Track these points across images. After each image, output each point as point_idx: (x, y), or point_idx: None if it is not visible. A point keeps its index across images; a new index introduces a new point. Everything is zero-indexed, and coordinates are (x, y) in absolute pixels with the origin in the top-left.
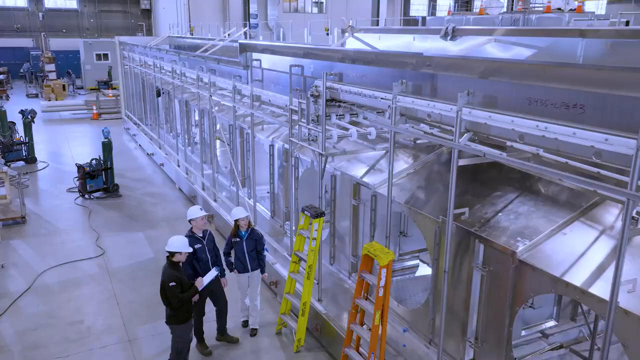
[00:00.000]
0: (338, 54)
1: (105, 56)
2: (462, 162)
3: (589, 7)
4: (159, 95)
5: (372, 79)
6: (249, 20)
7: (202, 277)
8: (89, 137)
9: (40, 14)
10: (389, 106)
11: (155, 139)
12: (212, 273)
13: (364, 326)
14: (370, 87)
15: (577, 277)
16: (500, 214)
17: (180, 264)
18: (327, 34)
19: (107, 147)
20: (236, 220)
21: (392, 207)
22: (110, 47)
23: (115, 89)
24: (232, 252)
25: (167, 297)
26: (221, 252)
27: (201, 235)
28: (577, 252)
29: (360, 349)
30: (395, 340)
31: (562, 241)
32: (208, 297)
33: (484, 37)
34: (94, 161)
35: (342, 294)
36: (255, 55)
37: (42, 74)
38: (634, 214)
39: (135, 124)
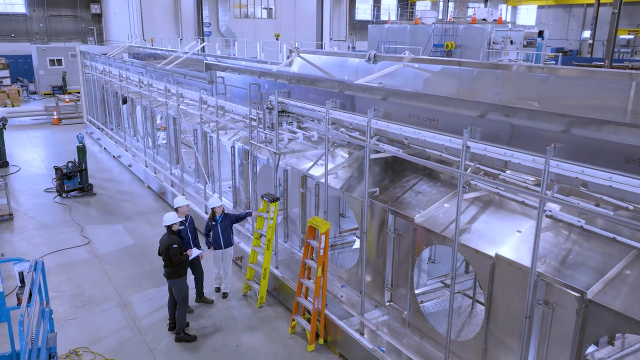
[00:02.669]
0: (286, 76)
1: (59, 61)
2: (376, 156)
3: (522, 14)
4: (125, 102)
5: (312, 97)
6: (202, 28)
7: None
8: (52, 141)
9: None
10: (323, 117)
11: (122, 142)
12: (197, 252)
13: (310, 280)
14: (311, 103)
15: (451, 233)
16: (406, 193)
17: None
18: (277, 39)
19: (81, 150)
20: (212, 208)
21: (330, 192)
22: (63, 52)
23: (70, 94)
24: (211, 233)
25: (169, 257)
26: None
27: (184, 219)
28: (452, 217)
29: (308, 297)
30: (335, 293)
31: (445, 210)
32: (189, 268)
33: (395, 62)
34: (70, 163)
35: (294, 263)
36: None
37: None
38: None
39: (99, 128)
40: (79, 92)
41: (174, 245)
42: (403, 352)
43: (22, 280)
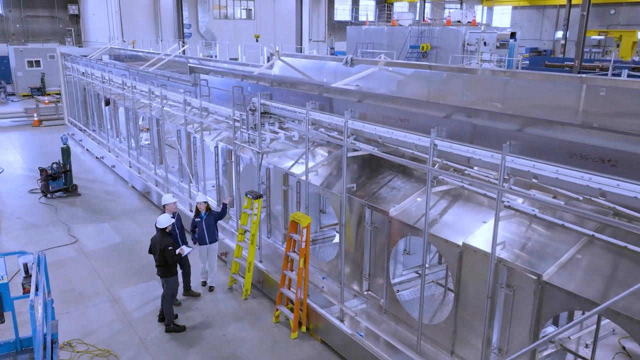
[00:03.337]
0: (269, 79)
1: (37, 63)
2: (353, 154)
3: (498, 14)
4: (107, 104)
5: (293, 99)
6: (182, 30)
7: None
8: (33, 143)
9: None
10: (304, 118)
11: (105, 144)
12: (188, 249)
13: (293, 271)
14: (292, 104)
15: (423, 225)
16: (382, 189)
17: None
18: (257, 40)
19: (65, 151)
20: (197, 205)
21: (311, 189)
22: (42, 54)
23: (50, 95)
24: (196, 230)
25: (164, 258)
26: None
27: (172, 216)
28: (424, 210)
29: (291, 288)
30: (316, 284)
31: (418, 204)
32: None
33: (371, 66)
34: (54, 164)
35: (277, 257)
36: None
37: None
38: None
39: (81, 130)
40: (58, 94)
41: (169, 247)
42: (380, 336)
43: (26, 271)
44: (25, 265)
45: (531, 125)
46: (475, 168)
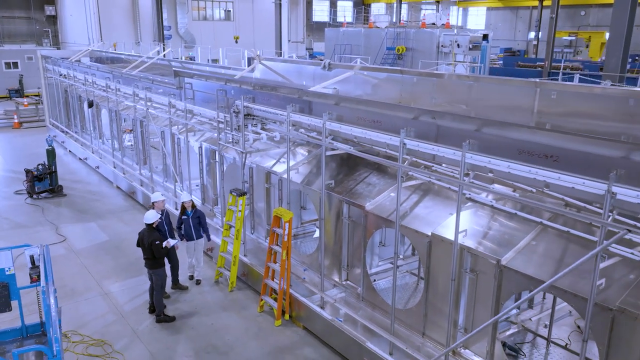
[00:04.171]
0: (251, 83)
1: (15, 64)
2: (331, 153)
3: (473, 15)
4: (90, 106)
5: (275, 102)
6: (162, 32)
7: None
8: (15, 145)
9: None
10: (285, 120)
11: (88, 145)
12: (173, 241)
13: (276, 263)
14: (274, 107)
15: (393, 216)
16: (358, 185)
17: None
18: (236, 42)
19: (51, 153)
20: (183, 203)
21: (292, 186)
22: (19, 55)
23: (28, 97)
24: (182, 226)
25: (152, 251)
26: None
27: (160, 213)
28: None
29: (275, 279)
30: (298, 275)
31: (391, 198)
32: (165, 257)
33: (348, 70)
34: (40, 166)
35: (261, 252)
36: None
37: None
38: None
39: (63, 131)
40: (37, 95)
41: (156, 242)
42: (358, 321)
43: (32, 263)
44: (32, 257)
45: (487, 126)
46: (443, 165)
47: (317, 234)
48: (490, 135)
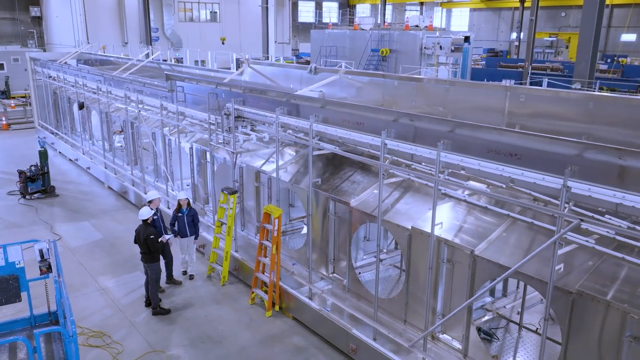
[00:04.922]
0: (241, 87)
1: (1, 66)
2: (318, 153)
3: (456, 17)
4: (81, 108)
5: (264, 104)
6: (149, 34)
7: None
8: (4, 147)
9: None
10: (274, 122)
11: (79, 146)
12: (168, 236)
13: (267, 257)
14: (263, 109)
15: (376, 212)
16: (343, 183)
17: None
18: (223, 43)
19: (43, 154)
20: (179, 201)
21: (280, 184)
22: (5, 57)
23: (15, 98)
24: (176, 223)
25: (147, 246)
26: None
27: (156, 210)
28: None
29: (265, 272)
30: (288, 269)
31: (374, 195)
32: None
33: (333, 74)
34: (32, 167)
35: (251, 248)
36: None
37: None
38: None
39: (53, 133)
40: (24, 97)
41: (151, 237)
42: (344, 310)
43: (41, 256)
44: (40, 251)
45: (459, 127)
46: (423, 164)
47: (304, 231)
48: (463, 136)
